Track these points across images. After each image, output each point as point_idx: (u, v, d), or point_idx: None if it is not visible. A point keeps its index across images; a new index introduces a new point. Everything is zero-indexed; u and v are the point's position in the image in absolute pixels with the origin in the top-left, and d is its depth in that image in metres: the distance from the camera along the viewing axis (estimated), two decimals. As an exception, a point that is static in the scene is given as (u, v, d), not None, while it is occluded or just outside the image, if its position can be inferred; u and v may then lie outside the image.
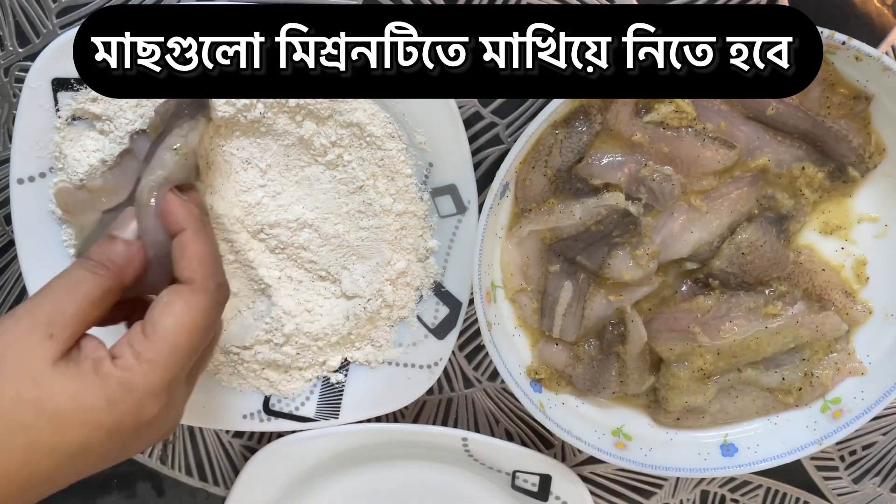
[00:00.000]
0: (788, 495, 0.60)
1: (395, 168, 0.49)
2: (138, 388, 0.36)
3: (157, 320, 0.37)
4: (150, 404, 0.37)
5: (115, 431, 0.36)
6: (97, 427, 0.35)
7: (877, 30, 0.48)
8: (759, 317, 0.50)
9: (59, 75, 0.46)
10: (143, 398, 0.36)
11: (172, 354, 0.37)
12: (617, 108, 0.46)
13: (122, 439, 0.37)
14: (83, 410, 0.35)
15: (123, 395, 0.36)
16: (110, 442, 0.36)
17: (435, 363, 0.53)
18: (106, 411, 0.36)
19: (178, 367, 0.38)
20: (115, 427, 0.36)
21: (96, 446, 0.36)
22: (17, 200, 0.48)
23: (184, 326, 0.38)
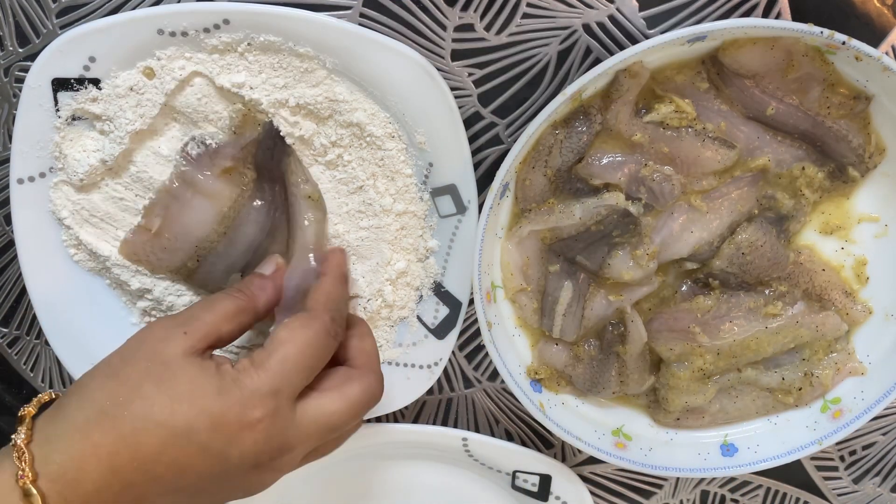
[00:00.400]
0: (788, 495, 0.60)
1: (395, 168, 0.49)
2: (246, 385, 0.39)
3: (273, 336, 0.41)
4: (254, 404, 0.38)
5: (219, 423, 0.37)
6: (203, 411, 0.37)
7: (877, 30, 0.48)
8: (759, 317, 0.50)
9: (59, 75, 0.46)
10: (249, 395, 0.38)
11: (281, 363, 0.40)
12: (617, 108, 0.46)
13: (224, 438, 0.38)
14: (195, 393, 0.38)
15: (232, 387, 0.38)
16: (213, 433, 0.37)
17: (435, 363, 0.53)
18: (214, 398, 0.38)
19: (285, 377, 0.39)
20: (219, 418, 0.37)
21: (199, 433, 0.37)
22: (17, 200, 0.48)
23: (294, 341, 0.40)
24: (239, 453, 0.38)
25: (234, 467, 0.39)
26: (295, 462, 0.41)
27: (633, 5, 0.47)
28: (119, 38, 0.45)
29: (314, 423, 0.41)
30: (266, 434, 0.39)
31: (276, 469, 0.41)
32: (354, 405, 0.42)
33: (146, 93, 0.46)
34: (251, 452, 0.39)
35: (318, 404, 0.41)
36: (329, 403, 0.41)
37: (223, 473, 0.39)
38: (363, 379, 0.43)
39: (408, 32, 0.48)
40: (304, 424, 0.40)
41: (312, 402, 0.41)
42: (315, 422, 0.41)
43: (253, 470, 0.39)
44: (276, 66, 0.46)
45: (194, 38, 0.45)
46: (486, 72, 0.49)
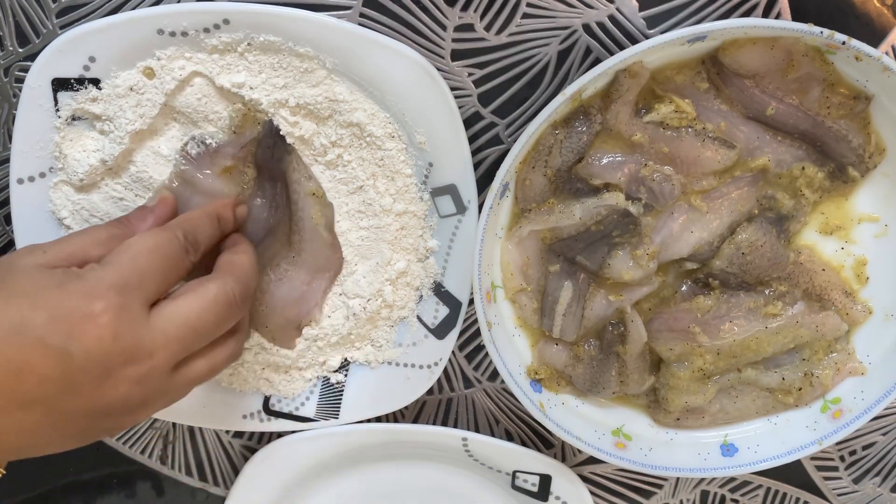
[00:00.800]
0: (788, 495, 0.60)
1: (395, 168, 0.49)
2: (90, 278, 0.36)
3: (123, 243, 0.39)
4: (97, 294, 0.35)
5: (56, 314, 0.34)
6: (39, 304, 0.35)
7: (877, 30, 0.48)
8: (759, 317, 0.50)
9: (59, 75, 0.46)
10: (91, 287, 0.36)
11: (130, 260, 0.38)
12: (617, 108, 0.46)
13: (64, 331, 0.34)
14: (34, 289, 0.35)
15: (73, 280, 0.36)
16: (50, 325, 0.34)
17: (435, 363, 0.53)
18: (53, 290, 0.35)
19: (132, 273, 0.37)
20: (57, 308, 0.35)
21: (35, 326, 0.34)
22: (17, 200, 0.48)
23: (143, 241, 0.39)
24: (82, 350, 0.35)
25: (80, 370, 0.35)
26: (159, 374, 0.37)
27: (633, 5, 0.47)
28: (119, 38, 0.45)
29: (170, 322, 0.38)
30: (112, 331, 0.35)
31: (135, 380, 0.36)
32: (211, 303, 0.39)
33: (146, 93, 0.46)
34: (97, 351, 0.35)
35: (173, 306, 0.38)
36: (184, 303, 0.39)
37: (70, 379, 0.35)
38: (220, 279, 0.41)
39: (408, 32, 0.48)
40: (160, 326, 0.37)
41: (167, 305, 0.38)
42: (170, 321, 0.38)
43: (106, 378, 0.36)
44: (276, 66, 0.46)
45: (194, 38, 0.45)
46: (486, 72, 0.49)
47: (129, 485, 0.60)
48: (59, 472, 0.59)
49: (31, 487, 0.60)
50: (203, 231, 0.43)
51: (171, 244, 0.40)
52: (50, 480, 0.60)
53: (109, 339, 0.35)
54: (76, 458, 0.59)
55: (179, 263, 0.40)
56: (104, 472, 0.59)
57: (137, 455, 0.59)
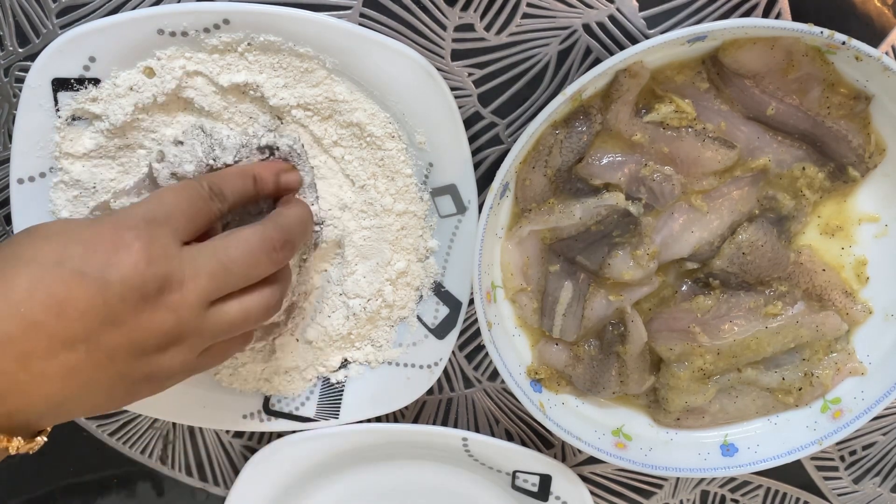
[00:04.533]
0: (788, 495, 0.60)
1: (395, 168, 0.49)
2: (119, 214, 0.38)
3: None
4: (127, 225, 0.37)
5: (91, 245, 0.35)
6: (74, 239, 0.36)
7: (877, 30, 0.48)
8: (760, 317, 0.50)
9: (59, 75, 0.46)
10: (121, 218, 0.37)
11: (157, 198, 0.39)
12: (617, 108, 0.46)
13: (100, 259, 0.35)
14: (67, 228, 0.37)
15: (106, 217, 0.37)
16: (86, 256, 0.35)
17: (435, 363, 0.53)
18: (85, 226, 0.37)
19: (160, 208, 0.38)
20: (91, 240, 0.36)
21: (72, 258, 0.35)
22: (17, 200, 0.48)
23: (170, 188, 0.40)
24: (119, 277, 0.35)
25: (118, 298, 0.35)
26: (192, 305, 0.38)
27: (633, 5, 0.47)
28: (119, 38, 0.45)
29: (201, 256, 0.38)
30: (146, 256, 0.36)
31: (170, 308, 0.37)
32: (244, 242, 0.39)
33: (146, 92, 0.46)
34: (133, 277, 0.35)
35: (206, 243, 0.39)
36: (218, 241, 0.39)
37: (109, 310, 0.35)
38: (259, 225, 0.41)
39: (408, 32, 0.48)
40: (192, 258, 0.38)
41: (200, 244, 0.39)
42: (202, 254, 0.38)
43: (143, 305, 0.36)
44: (277, 66, 0.46)
45: (194, 38, 0.45)
46: (486, 72, 0.49)
47: (129, 485, 0.60)
48: (59, 472, 0.59)
49: (32, 487, 0.60)
50: (231, 185, 0.43)
51: (194, 189, 0.40)
52: (50, 481, 0.60)
53: (144, 265, 0.36)
54: (76, 458, 0.59)
55: (205, 208, 0.40)
56: (104, 472, 0.59)
57: (137, 455, 0.59)
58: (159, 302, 0.36)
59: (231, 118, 0.48)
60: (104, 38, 0.45)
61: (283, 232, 0.42)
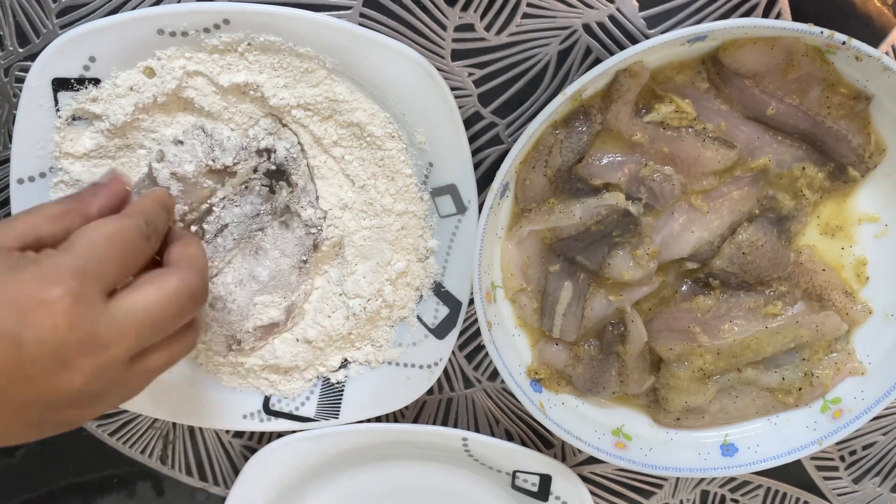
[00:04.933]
0: (788, 495, 0.60)
1: (395, 168, 0.49)
2: (46, 263, 0.34)
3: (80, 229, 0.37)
4: (53, 280, 0.34)
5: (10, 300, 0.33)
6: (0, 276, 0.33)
7: (877, 30, 0.48)
8: (759, 316, 0.50)
9: (59, 75, 0.46)
10: (47, 272, 0.34)
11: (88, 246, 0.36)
12: (617, 108, 0.46)
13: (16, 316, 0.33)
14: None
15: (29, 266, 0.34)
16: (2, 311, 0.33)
17: (435, 363, 0.53)
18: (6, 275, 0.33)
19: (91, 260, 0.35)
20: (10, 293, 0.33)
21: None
22: (17, 200, 0.48)
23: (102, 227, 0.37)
24: (36, 338, 0.33)
25: (32, 359, 0.33)
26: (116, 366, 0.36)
27: (633, 5, 0.47)
28: (119, 38, 0.45)
29: (128, 314, 0.36)
30: (68, 319, 0.33)
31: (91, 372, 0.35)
32: (171, 296, 0.37)
33: (146, 92, 0.46)
34: (51, 340, 0.33)
35: (132, 297, 0.36)
36: (143, 295, 0.37)
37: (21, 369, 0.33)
38: (180, 273, 0.39)
39: (408, 32, 0.48)
40: (118, 317, 0.35)
41: (125, 296, 0.36)
42: (130, 313, 0.36)
43: (60, 369, 0.34)
44: (277, 66, 0.46)
45: (194, 38, 0.45)
46: (486, 72, 0.49)
47: (129, 485, 0.60)
48: (59, 472, 0.59)
49: (32, 487, 0.60)
50: (160, 218, 0.41)
51: (132, 231, 0.38)
52: (50, 481, 0.60)
53: (65, 328, 0.34)
54: (76, 458, 0.59)
55: (140, 252, 0.39)
56: (104, 472, 0.59)
57: (137, 455, 0.59)
58: (79, 365, 0.35)
59: (231, 118, 0.48)
60: (104, 38, 0.45)
61: (201, 276, 0.40)
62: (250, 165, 0.47)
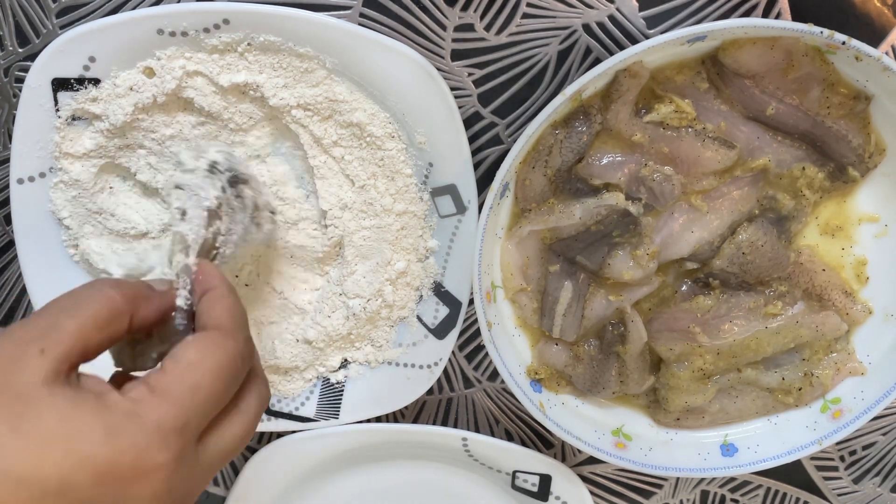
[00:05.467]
0: (788, 495, 0.60)
1: (395, 168, 0.49)
2: (147, 420, 0.30)
3: (180, 355, 0.32)
4: (157, 445, 0.30)
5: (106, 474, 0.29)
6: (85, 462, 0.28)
7: (877, 30, 0.48)
8: (759, 317, 0.50)
9: (59, 75, 0.46)
10: (151, 435, 0.30)
11: (192, 392, 0.31)
12: (617, 108, 0.46)
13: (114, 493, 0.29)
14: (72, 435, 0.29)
15: (126, 425, 0.29)
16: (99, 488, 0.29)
17: (435, 363, 0.53)
18: (101, 443, 0.29)
19: (195, 409, 0.31)
20: (108, 467, 0.29)
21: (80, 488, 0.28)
22: (17, 200, 0.48)
23: (209, 364, 0.32)
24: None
25: None
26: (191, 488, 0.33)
27: (633, 5, 0.47)
28: (119, 38, 0.45)
29: (218, 458, 0.33)
30: (168, 483, 0.30)
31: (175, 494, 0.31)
32: (253, 424, 0.35)
33: (146, 92, 0.46)
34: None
35: (221, 436, 0.33)
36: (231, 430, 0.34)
37: None
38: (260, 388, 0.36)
39: (408, 32, 0.48)
40: (207, 463, 0.33)
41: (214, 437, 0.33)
42: (217, 455, 0.33)
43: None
44: (277, 66, 0.46)
45: (194, 38, 0.45)
46: (486, 72, 0.49)
47: (129, 485, 0.60)
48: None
49: (31, 487, 0.60)
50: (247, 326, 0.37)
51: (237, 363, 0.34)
52: (50, 480, 0.59)
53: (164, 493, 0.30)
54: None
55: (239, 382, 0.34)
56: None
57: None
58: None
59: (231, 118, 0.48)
60: (104, 38, 0.45)
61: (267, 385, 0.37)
62: (218, 190, 0.42)
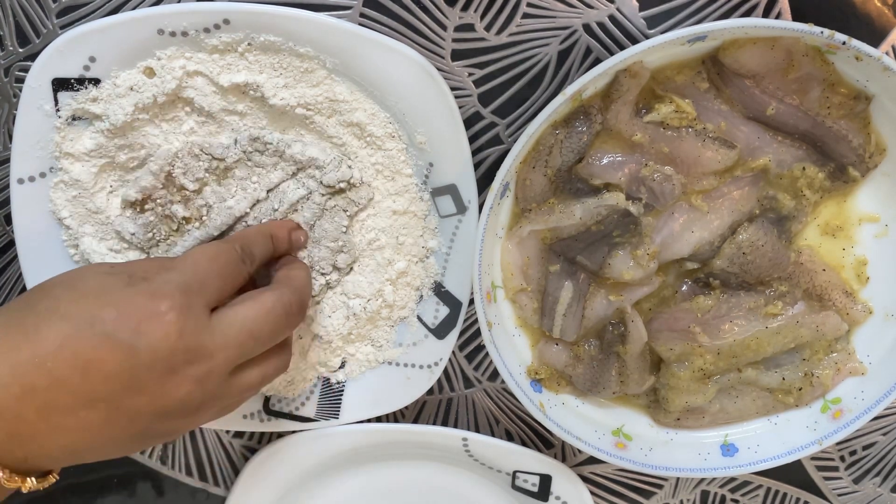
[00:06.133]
0: (788, 495, 0.60)
1: (395, 168, 0.49)
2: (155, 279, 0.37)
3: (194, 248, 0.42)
4: (163, 294, 0.37)
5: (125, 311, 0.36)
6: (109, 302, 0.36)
7: (877, 30, 0.48)
8: (760, 317, 0.50)
9: (59, 75, 0.46)
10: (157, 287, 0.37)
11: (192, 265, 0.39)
12: (617, 108, 0.46)
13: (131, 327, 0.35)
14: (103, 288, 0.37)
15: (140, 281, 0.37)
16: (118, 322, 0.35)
17: (435, 363, 0.53)
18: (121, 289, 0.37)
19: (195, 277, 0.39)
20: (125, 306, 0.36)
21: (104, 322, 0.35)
22: (17, 200, 0.48)
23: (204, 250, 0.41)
24: (148, 346, 0.36)
25: (145, 366, 0.36)
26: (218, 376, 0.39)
27: (633, 5, 0.47)
28: (119, 38, 0.45)
29: (230, 326, 0.39)
30: (178, 328, 0.36)
31: (196, 379, 0.38)
32: (269, 310, 0.40)
33: (146, 92, 0.46)
34: (163, 348, 0.36)
35: (233, 311, 0.40)
36: (243, 309, 0.40)
37: (135, 375, 0.36)
38: (276, 289, 0.42)
39: (408, 32, 0.48)
40: (220, 329, 0.38)
41: (228, 310, 0.39)
42: (231, 325, 0.39)
43: (169, 376, 0.37)
44: (277, 66, 0.46)
45: (194, 38, 0.45)
46: (486, 72, 0.49)
47: (129, 485, 0.60)
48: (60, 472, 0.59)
49: (31, 487, 0.60)
50: (258, 245, 0.45)
51: (228, 253, 0.41)
52: (50, 480, 0.60)
53: (175, 337, 0.36)
54: (76, 459, 0.59)
55: (236, 271, 0.42)
56: (104, 473, 0.59)
57: (137, 455, 0.59)
58: (186, 373, 0.37)
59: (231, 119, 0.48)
60: (104, 38, 0.45)
61: (299, 295, 0.43)
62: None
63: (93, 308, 0.36)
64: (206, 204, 0.48)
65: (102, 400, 0.36)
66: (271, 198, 0.48)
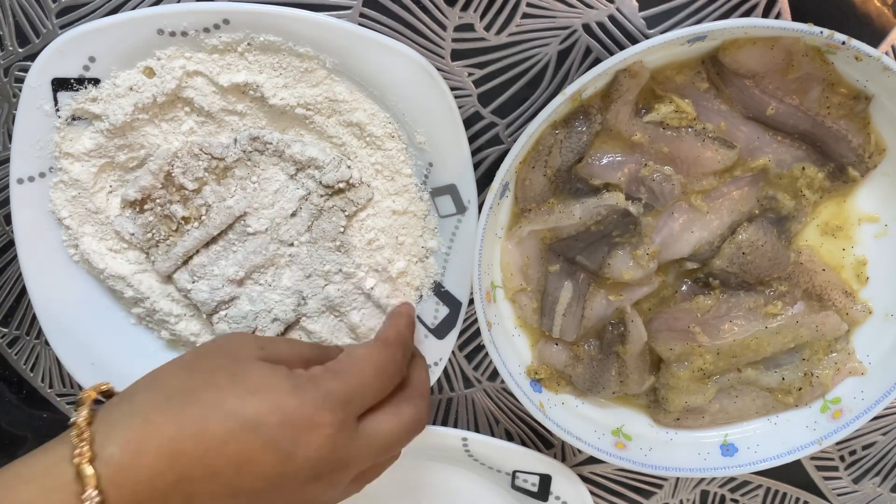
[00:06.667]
0: (788, 495, 0.60)
1: (394, 168, 0.49)
2: (322, 387, 0.38)
3: (352, 350, 0.42)
4: (327, 407, 0.37)
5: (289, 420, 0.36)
6: (275, 406, 0.36)
7: (877, 30, 0.48)
8: (759, 316, 0.50)
9: (59, 75, 0.46)
10: (323, 398, 0.38)
11: (358, 376, 0.40)
12: (617, 108, 0.46)
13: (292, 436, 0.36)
14: (269, 388, 0.37)
15: (307, 387, 0.38)
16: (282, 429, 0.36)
17: (435, 363, 0.53)
18: (287, 394, 0.37)
19: (358, 391, 0.39)
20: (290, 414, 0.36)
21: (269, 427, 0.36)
22: (17, 200, 0.48)
23: (372, 359, 0.41)
24: (304, 456, 0.37)
25: (295, 473, 0.37)
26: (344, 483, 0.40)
27: (633, 5, 0.47)
28: (119, 38, 0.45)
29: (373, 439, 0.40)
30: (332, 441, 0.37)
31: (331, 484, 0.39)
32: (407, 426, 0.42)
33: (146, 92, 0.46)
34: (315, 458, 0.37)
35: (376, 422, 0.41)
36: (385, 422, 0.41)
37: (284, 479, 0.37)
38: (415, 401, 0.43)
39: (408, 32, 0.48)
40: (364, 441, 0.40)
41: (371, 421, 0.40)
42: (373, 438, 0.40)
43: (312, 482, 0.38)
44: (277, 66, 0.46)
45: (194, 38, 0.45)
46: (486, 72, 0.49)
47: None
48: None
49: (31, 487, 0.60)
50: (409, 348, 0.46)
51: (393, 365, 0.42)
52: (50, 480, 0.59)
53: (327, 450, 0.37)
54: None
55: (393, 382, 0.42)
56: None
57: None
58: (327, 479, 0.39)
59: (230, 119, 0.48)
60: (104, 38, 0.45)
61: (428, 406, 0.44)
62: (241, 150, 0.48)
63: (259, 410, 0.36)
64: (206, 203, 0.48)
65: (246, 493, 0.36)
66: (271, 198, 0.49)
